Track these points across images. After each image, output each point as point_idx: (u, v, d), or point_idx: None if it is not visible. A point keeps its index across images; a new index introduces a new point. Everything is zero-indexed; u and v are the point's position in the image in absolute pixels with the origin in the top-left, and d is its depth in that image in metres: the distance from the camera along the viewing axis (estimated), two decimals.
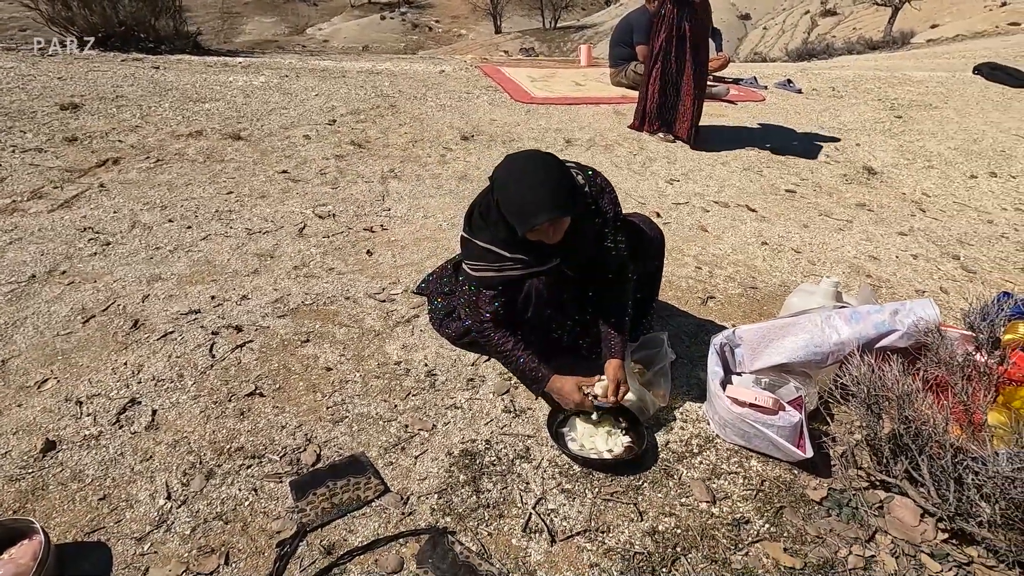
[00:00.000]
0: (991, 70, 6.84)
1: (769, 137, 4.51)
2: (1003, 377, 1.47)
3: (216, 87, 4.51)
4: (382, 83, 5.10)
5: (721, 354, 1.73)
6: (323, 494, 1.40)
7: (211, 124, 3.77)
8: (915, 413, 1.33)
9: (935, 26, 16.59)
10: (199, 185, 2.97)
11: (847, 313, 1.67)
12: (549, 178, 1.46)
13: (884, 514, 1.43)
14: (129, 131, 3.53)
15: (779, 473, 1.54)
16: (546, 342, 1.79)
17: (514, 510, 1.41)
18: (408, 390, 1.76)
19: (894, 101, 5.81)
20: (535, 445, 1.60)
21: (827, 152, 4.33)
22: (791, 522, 1.42)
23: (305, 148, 3.55)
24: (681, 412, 1.74)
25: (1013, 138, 4.91)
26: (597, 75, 6.08)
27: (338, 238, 2.60)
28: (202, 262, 2.34)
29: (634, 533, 1.37)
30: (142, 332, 1.93)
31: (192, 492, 1.41)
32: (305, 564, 1.26)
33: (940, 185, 3.94)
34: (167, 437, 1.55)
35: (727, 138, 4.40)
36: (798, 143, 4.45)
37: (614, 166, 3.75)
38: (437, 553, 1.29)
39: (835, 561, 1.33)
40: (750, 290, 2.45)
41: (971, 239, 3.17)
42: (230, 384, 1.74)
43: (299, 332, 1.97)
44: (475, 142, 3.90)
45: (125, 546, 1.28)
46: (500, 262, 1.61)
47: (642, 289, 1.89)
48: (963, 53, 9.53)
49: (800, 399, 1.61)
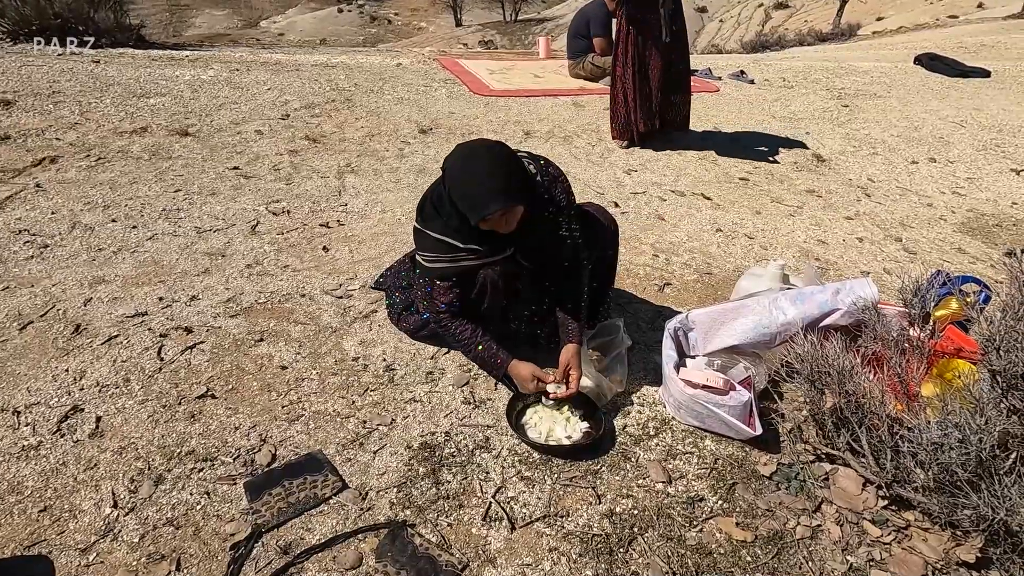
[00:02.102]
0: (930, 60, 7.15)
1: (723, 127, 4.62)
2: (934, 350, 1.56)
3: (162, 82, 4.34)
4: (337, 76, 5.00)
5: (675, 338, 1.77)
6: (279, 494, 1.38)
7: (157, 120, 3.63)
8: (855, 387, 1.39)
9: (880, 19, 17.26)
10: (144, 183, 2.86)
11: (792, 295, 1.73)
12: (500, 167, 1.46)
13: (829, 485, 1.49)
14: (67, 128, 3.37)
15: (731, 451, 1.59)
16: (503, 332, 1.80)
17: (474, 500, 1.41)
18: (366, 385, 1.74)
19: (841, 91, 6.02)
20: (495, 435, 1.61)
21: (779, 141, 4.46)
22: (743, 497, 1.47)
23: (257, 144, 3.45)
24: (638, 396, 1.78)
25: (951, 125, 5.15)
26: (556, 67, 6.10)
27: (293, 235, 2.54)
28: (149, 263, 2.25)
29: (592, 516, 1.39)
30: (84, 337, 1.85)
31: (140, 499, 1.36)
32: (261, 565, 1.24)
33: (884, 171, 4.10)
34: (113, 444, 1.49)
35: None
36: (751, 132, 4.56)
37: (573, 157, 3.78)
38: (396, 546, 1.28)
39: (784, 532, 1.38)
40: (705, 276, 2.51)
41: (912, 222, 3.32)
42: (180, 387, 1.69)
43: (253, 331, 1.93)
44: (433, 135, 3.87)
45: (69, 557, 1.23)
46: (454, 253, 1.60)
47: (597, 277, 1.92)
48: (905, 44, 9.94)
49: (750, 379, 1.66)
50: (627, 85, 3.75)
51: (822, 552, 1.34)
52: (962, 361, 1.57)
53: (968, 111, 5.51)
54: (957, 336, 1.71)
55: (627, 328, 1.90)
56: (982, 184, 3.92)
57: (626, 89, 3.77)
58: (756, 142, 4.37)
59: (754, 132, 4.57)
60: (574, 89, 5.25)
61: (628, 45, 3.65)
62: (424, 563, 1.25)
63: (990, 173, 4.11)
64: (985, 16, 14.18)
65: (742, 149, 4.20)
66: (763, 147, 4.30)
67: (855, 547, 1.34)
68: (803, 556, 1.32)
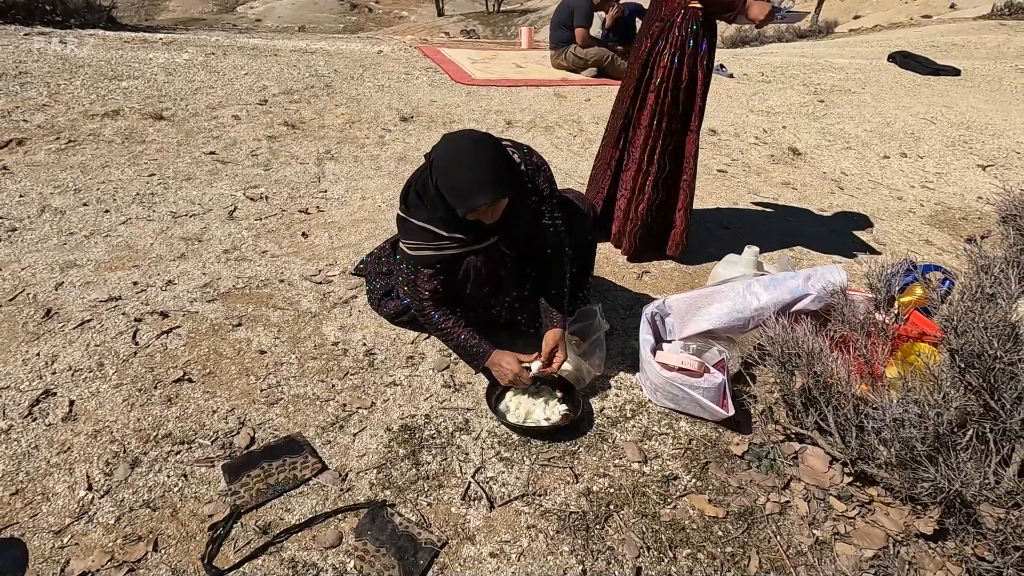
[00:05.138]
0: (904, 58, 7.32)
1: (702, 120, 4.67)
2: (899, 334, 1.61)
3: (134, 64, 4.23)
4: (317, 62, 4.93)
5: (652, 323, 1.81)
6: (258, 475, 1.38)
7: (129, 103, 3.54)
8: (823, 368, 1.44)
9: (857, 17, 17.54)
10: (117, 167, 2.80)
11: (766, 280, 1.78)
12: (489, 159, 1.47)
13: (798, 463, 1.54)
14: (35, 110, 3.27)
15: (705, 432, 1.64)
16: (485, 319, 1.81)
17: (453, 480, 1.43)
18: (346, 370, 1.75)
19: (817, 86, 6.13)
20: (475, 417, 1.62)
21: (756, 134, 4.53)
22: (716, 476, 1.51)
23: (234, 129, 3.39)
24: (616, 380, 1.81)
25: (922, 121, 5.29)
26: (538, 57, 6.09)
27: (271, 220, 2.52)
28: (122, 247, 2.21)
29: (570, 495, 1.42)
30: (56, 321, 1.81)
31: (116, 482, 1.35)
32: (240, 545, 1.24)
33: (857, 165, 4.20)
34: (86, 428, 1.48)
35: None
36: (730, 125, 4.63)
37: (554, 147, 3.79)
38: (376, 525, 1.30)
39: (754, 508, 1.43)
40: (683, 264, 2.55)
41: (883, 214, 3.41)
42: (156, 371, 1.67)
43: (230, 316, 1.91)
44: (415, 123, 3.85)
45: (42, 540, 1.22)
46: (438, 241, 1.61)
47: (577, 263, 1.94)
48: (880, 42, 10.13)
49: (724, 362, 1.71)
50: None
51: (790, 527, 1.39)
52: (925, 344, 1.64)
53: (938, 108, 5.66)
54: (921, 321, 1.77)
55: (606, 314, 1.93)
56: (950, 179, 4.04)
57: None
58: (734, 135, 4.44)
59: (732, 125, 4.64)
60: (556, 80, 5.26)
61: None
62: (404, 541, 1.27)
63: (958, 168, 4.24)
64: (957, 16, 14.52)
65: (721, 142, 4.26)
66: (741, 140, 4.37)
67: (821, 522, 1.40)
68: (771, 531, 1.37)
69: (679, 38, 2.19)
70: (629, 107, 2.32)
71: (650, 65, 2.25)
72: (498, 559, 1.26)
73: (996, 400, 1.19)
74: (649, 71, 2.26)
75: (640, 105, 2.30)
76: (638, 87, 2.29)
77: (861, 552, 1.32)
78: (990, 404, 1.19)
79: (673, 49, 2.20)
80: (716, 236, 2.84)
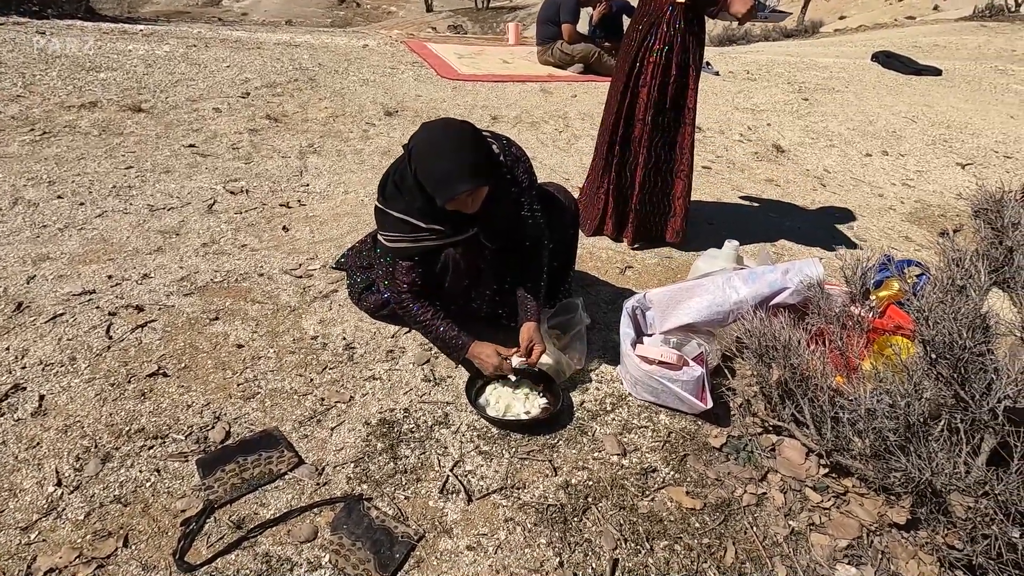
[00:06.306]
0: (886, 58, 7.40)
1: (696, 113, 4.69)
2: (876, 327, 1.63)
3: (113, 56, 4.15)
4: (301, 56, 4.88)
5: (633, 317, 1.81)
6: (232, 470, 1.36)
7: (107, 95, 3.48)
8: (800, 360, 1.45)
9: (843, 17, 17.72)
10: (93, 159, 2.75)
11: (745, 274, 1.79)
12: (468, 147, 1.46)
13: (775, 455, 1.56)
14: (9, 101, 3.20)
15: (684, 425, 1.64)
16: (465, 312, 1.80)
17: (432, 474, 1.43)
18: (325, 364, 1.73)
19: (802, 84, 6.18)
20: (454, 411, 1.62)
21: (741, 131, 4.56)
22: (694, 468, 1.52)
23: (215, 122, 3.35)
24: (596, 374, 1.81)
25: (903, 120, 5.36)
26: (525, 53, 6.08)
27: (251, 214, 2.49)
28: (97, 240, 2.17)
29: (548, 487, 1.42)
30: (27, 315, 1.78)
31: (86, 477, 1.33)
32: (213, 540, 1.22)
33: (839, 162, 4.25)
34: (56, 422, 1.45)
35: None
36: (715, 122, 4.65)
37: (540, 143, 3.79)
38: (352, 519, 1.29)
39: (731, 500, 1.43)
40: (666, 259, 2.56)
41: (864, 211, 3.45)
42: (129, 365, 1.64)
43: (207, 310, 1.88)
44: (399, 118, 3.82)
45: (8, 536, 1.19)
46: (416, 232, 1.60)
47: (558, 257, 1.94)
48: (864, 42, 10.24)
49: (703, 355, 1.71)
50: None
51: (766, 518, 1.40)
52: (900, 337, 1.66)
53: (920, 107, 5.73)
54: (897, 315, 1.80)
55: (588, 308, 1.93)
56: (930, 177, 4.10)
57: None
58: (719, 132, 4.46)
59: (717, 122, 4.66)
60: (542, 76, 5.25)
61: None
62: (380, 535, 1.26)
63: (938, 167, 4.30)
64: (940, 18, 14.73)
65: (706, 138, 4.28)
66: (726, 137, 4.39)
67: (797, 512, 1.41)
68: (748, 522, 1.38)
69: (667, 33, 2.20)
70: (621, 102, 2.34)
71: (640, 60, 2.27)
72: (475, 552, 1.26)
73: (966, 390, 1.21)
74: (639, 66, 2.27)
75: (632, 100, 2.32)
76: (628, 81, 2.30)
77: (836, 542, 1.34)
78: (960, 394, 1.21)
79: (662, 44, 2.22)
80: (700, 231, 2.85)
